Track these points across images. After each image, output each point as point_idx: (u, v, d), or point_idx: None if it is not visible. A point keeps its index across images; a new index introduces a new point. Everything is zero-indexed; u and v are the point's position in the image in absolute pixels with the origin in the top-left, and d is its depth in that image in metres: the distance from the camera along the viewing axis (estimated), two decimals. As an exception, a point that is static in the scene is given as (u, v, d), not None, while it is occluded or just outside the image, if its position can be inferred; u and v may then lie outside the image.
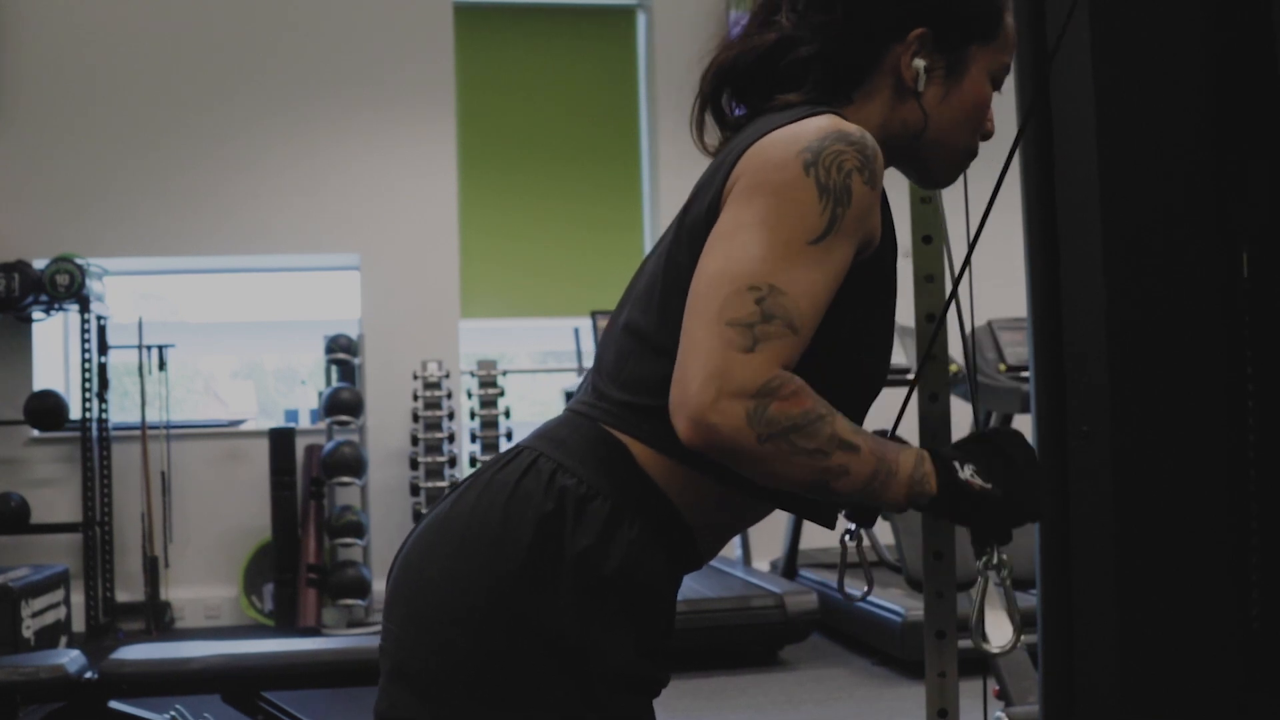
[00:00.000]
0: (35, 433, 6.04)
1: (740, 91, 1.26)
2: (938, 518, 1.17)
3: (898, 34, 1.21)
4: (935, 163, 1.28)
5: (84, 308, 5.78)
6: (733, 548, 6.05)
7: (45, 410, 5.74)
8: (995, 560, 1.23)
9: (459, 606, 1.14)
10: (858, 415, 1.20)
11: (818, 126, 1.12)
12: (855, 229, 1.11)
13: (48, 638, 5.10)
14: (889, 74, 1.22)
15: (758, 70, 1.24)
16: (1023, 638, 1.30)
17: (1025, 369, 1.52)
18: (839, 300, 1.12)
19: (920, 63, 1.21)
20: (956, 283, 1.36)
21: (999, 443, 1.20)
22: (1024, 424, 1.83)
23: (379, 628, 1.27)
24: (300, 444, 6.17)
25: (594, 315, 5.80)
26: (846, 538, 1.34)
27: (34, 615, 4.99)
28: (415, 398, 6.12)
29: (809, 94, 1.20)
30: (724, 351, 1.04)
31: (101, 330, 6.03)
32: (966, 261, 1.34)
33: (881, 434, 1.26)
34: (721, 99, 1.28)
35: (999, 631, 1.27)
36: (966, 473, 1.15)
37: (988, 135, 1.29)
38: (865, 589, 1.41)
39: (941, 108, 1.23)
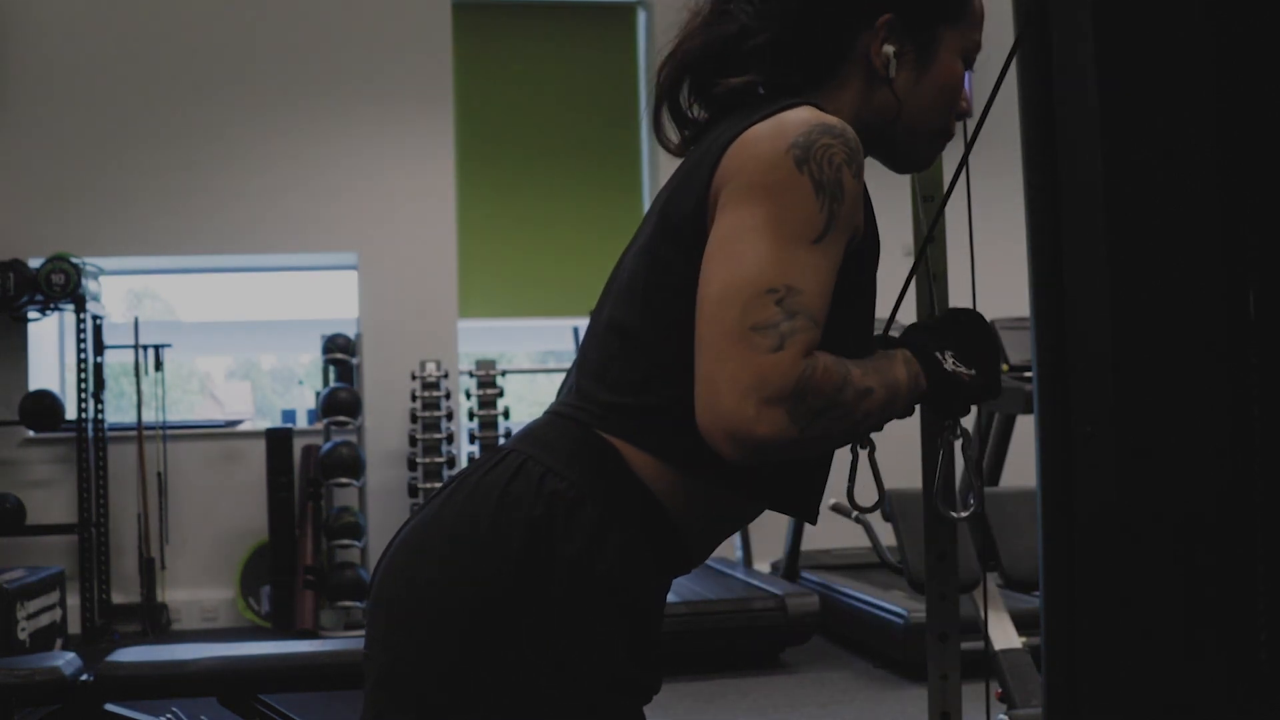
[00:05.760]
0: (30, 433, 6.02)
1: (699, 85, 1.25)
2: (925, 405, 1.29)
3: (865, 21, 1.20)
4: (911, 146, 1.27)
5: (79, 307, 5.76)
6: (734, 549, 6.04)
7: (40, 410, 5.72)
8: (958, 431, 1.36)
9: (446, 611, 1.12)
10: None
11: (801, 119, 1.11)
12: (848, 223, 1.11)
13: (43, 640, 5.08)
14: (859, 62, 1.22)
15: (718, 62, 1.23)
16: (1025, 640, 1.30)
17: (1028, 369, 1.52)
18: None
19: (890, 48, 1.20)
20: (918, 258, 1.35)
21: (965, 323, 1.27)
22: (1027, 424, 1.81)
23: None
24: (297, 445, 6.16)
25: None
26: (857, 446, 1.34)
27: (29, 617, 4.97)
28: (414, 398, 6.10)
29: (775, 81, 1.20)
30: (755, 358, 1.04)
31: (97, 330, 6.01)
32: (955, 177, 1.33)
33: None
34: (680, 94, 1.27)
35: (1003, 634, 1.28)
36: (950, 363, 1.22)
37: (963, 115, 1.29)
38: (876, 501, 1.38)
39: (914, 92, 1.23)
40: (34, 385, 6.00)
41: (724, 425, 1.03)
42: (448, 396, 6.10)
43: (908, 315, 1.49)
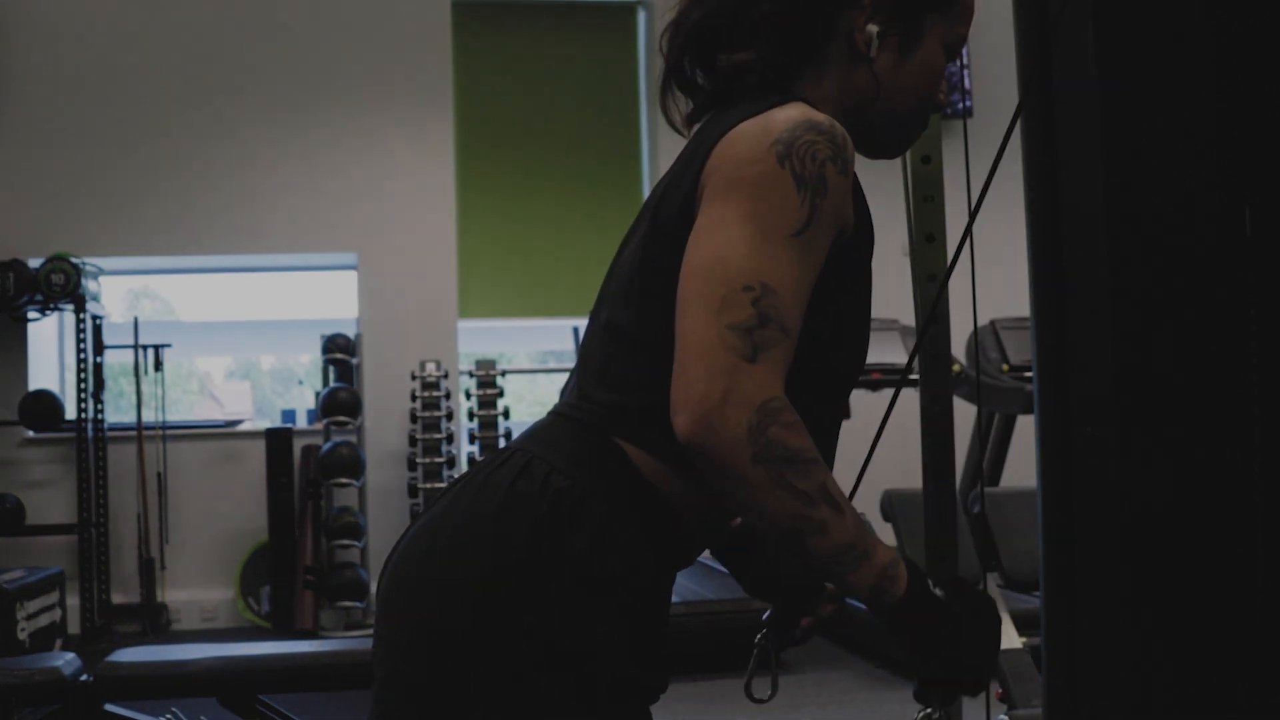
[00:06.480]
0: (30, 433, 6.02)
1: (701, 57, 1.26)
2: (890, 629, 1.11)
3: None
4: (885, 132, 1.27)
5: (79, 307, 5.76)
6: (731, 549, 6.03)
7: (40, 410, 5.72)
8: (936, 716, 1.23)
9: (454, 610, 1.13)
10: (831, 407, 1.20)
11: (787, 117, 1.12)
12: (833, 219, 1.11)
13: (43, 640, 5.08)
14: (843, 40, 1.22)
15: (719, 34, 1.23)
16: (1026, 640, 1.30)
17: (1028, 369, 1.51)
18: (814, 289, 1.12)
19: (874, 28, 1.20)
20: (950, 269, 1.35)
21: (972, 594, 1.15)
22: (1027, 425, 1.81)
23: (376, 631, 1.25)
24: (297, 445, 6.16)
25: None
26: (765, 641, 1.34)
27: (29, 617, 4.97)
28: (413, 398, 6.10)
29: (770, 59, 1.20)
30: (727, 356, 1.04)
31: (97, 330, 6.01)
32: (958, 253, 1.33)
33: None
34: (685, 64, 1.27)
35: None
36: (936, 589, 1.13)
37: (939, 108, 1.28)
38: (770, 693, 1.38)
39: (894, 75, 1.22)
40: (34, 385, 6.00)
41: (690, 406, 1.03)
42: (448, 396, 6.10)
43: (906, 313, 1.49)
